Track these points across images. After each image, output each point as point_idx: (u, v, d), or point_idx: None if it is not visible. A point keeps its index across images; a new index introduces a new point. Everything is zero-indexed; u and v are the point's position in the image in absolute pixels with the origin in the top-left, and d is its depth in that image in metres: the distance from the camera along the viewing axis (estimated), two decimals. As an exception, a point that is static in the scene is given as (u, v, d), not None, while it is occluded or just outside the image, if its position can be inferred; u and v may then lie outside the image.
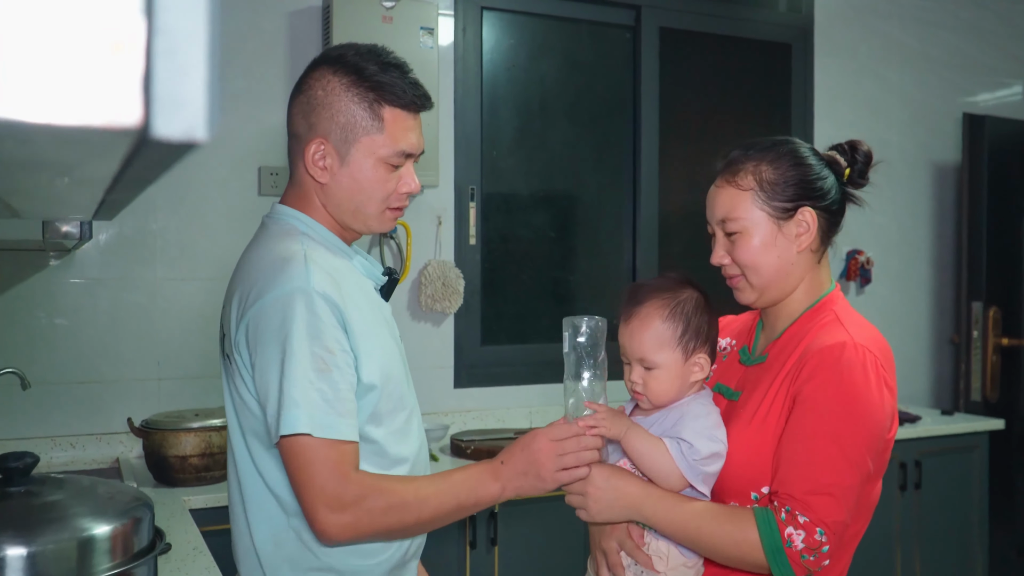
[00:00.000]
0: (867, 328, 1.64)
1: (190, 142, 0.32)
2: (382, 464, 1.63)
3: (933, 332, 4.81)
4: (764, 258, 1.64)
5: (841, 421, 1.51)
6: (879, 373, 1.54)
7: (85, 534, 1.25)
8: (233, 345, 1.57)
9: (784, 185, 1.64)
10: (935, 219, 4.82)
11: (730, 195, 1.66)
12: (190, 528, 2.35)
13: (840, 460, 1.50)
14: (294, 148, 1.66)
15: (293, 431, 1.43)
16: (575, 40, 4.10)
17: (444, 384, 3.69)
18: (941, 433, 3.96)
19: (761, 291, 1.67)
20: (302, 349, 1.46)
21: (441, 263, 3.58)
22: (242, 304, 1.55)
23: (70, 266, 3.13)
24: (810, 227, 1.64)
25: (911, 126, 4.73)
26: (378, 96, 1.59)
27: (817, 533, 1.47)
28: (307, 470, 1.44)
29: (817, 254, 1.69)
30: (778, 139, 1.71)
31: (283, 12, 3.42)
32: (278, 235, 1.62)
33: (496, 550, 3.11)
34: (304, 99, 1.63)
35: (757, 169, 1.65)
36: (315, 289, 1.50)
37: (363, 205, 1.63)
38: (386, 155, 1.60)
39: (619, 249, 4.17)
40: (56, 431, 3.09)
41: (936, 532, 3.98)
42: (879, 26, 4.64)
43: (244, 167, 3.34)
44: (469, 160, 3.74)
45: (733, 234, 1.66)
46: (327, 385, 1.47)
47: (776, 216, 1.63)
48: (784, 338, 1.68)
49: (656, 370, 1.64)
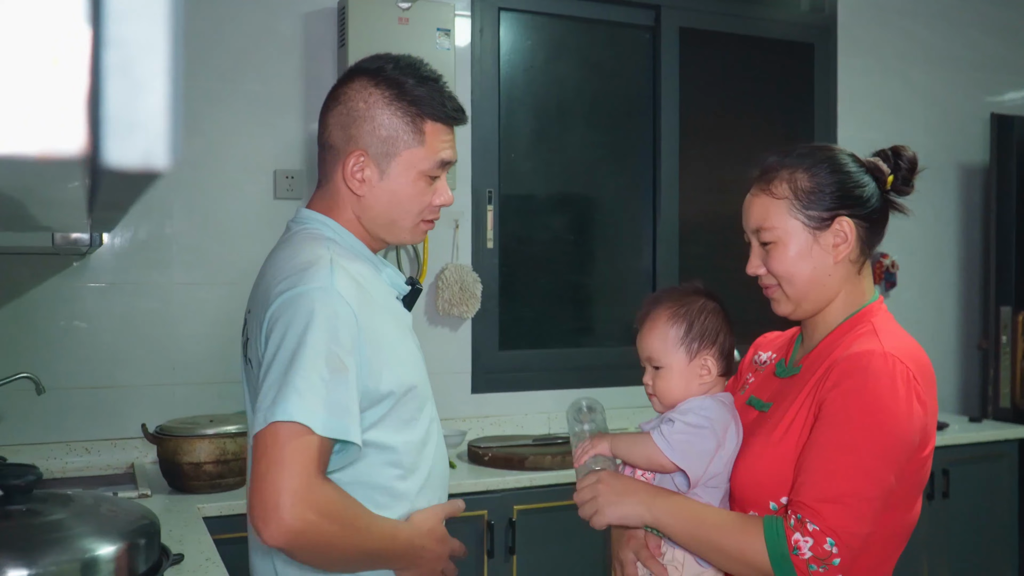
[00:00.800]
0: (904, 339, 1.57)
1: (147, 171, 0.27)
2: (398, 473, 1.59)
3: (960, 337, 4.73)
4: (799, 269, 1.59)
5: (860, 430, 1.45)
6: (910, 385, 1.47)
7: (88, 555, 1.21)
8: (258, 346, 1.53)
9: (820, 194, 1.58)
10: (962, 222, 4.74)
11: (764, 204, 1.61)
12: (203, 538, 2.32)
13: (856, 469, 1.44)
14: (329, 159, 1.65)
15: (288, 418, 1.35)
16: (594, 41, 4.05)
17: (461, 389, 3.65)
18: (969, 441, 3.89)
19: (797, 302, 1.62)
20: (318, 345, 1.42)
21: (458, 267, 3.54)
22: (265, 304, 1.51)
23: (85, 271, 3.11)
24: (848, 237, 1.58)
25: (937, 127, 4.65)
26: (419, 111, 1.60)
27: (827, 543, 1.42)
28: (281, 453, 1.35)
29: (856, 264, 1.63)
30: (816, 145, 1.66)
31: (298, 14, 3.38)
32: (304, 240, 1.60)
33: (514, 559, 3.06)
34: (343, 110, 1.62)
35: (792, 177, 1.60)
36: (338, 290, 1.47)
37: (399, 218, 1.64)
38: (426, 168, 1.61)
39: (638, 252, 4.11)
40: (71, 436, 3.07)
41: (964, 542, 3.91)
42: (904, 25, 4.57)
43: (259, 171, 3.31)
44: (486, 163, 3.69)
45: (768, 244, 1.61)
46: (339, 385, 1.42)
47: (812, 226, 1.58)
48: (818, 349, 1.63)
49: (663, 370, 1.68)
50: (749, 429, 1.65)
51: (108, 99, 0.27)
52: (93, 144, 0.27)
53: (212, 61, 3.26)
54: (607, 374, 3.91)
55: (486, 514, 3.01)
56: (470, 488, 3.00)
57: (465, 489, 2.98)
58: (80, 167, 0.26)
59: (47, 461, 3.01)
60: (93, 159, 0.27)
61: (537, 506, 3.08)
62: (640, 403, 3.93)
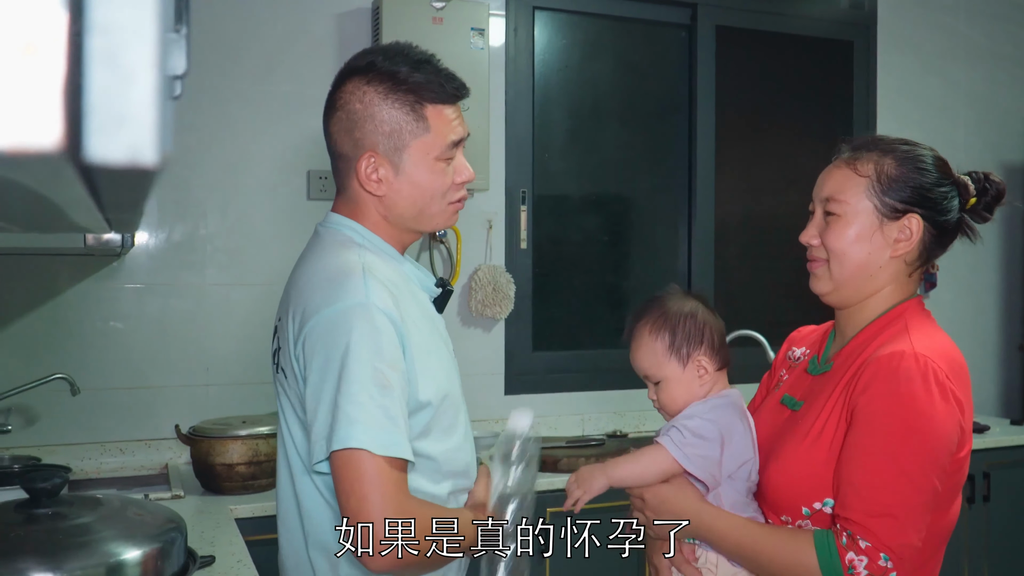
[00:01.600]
0: (937, 338, 1.54)
1: (135, 167, 0.25)
2: (436, 479, 1.58)
3: (1001, 338, 4.64)
4: (855, 250, 1.56)
5: (899, 437, 1.42)
6: (944, 385, 1.44)
7: (114, 560, 1.21)
8: (292, 358, 1.53)
9: (902, 185, 1.55)
10: (1004, 222, 4.65)
11: (844, 176, 1.58)
12: (235, 539, 2.32)
13: (901, 479, 1.41)
14: (342, 167, 1.63)
15: (346, 445, 1.37)
16: (629, 40, 4.01)
17: (495, 391, 3.63)
18: (1011, 444, 3.81)
19: (838, 284, 1.59)
20: (363, 364, 1.41)
21: (491, 268, 3.52)
22: (300, 317, 1.50)
23: (121, 272, 3.13)
24: (912, 235, 1.56)
25: (979, 125, 4.57)
26: (418, 97, 1.57)
27: (881, 559, 1.39)
28: (365, 487, 1.38)
29: (910, 267, 1.60)
30: (912, 141, 1.63)
31: (331, 14, 3.38)
32: (334, 246, 1.58)
33: (547, 562, 3.04)
34: (342, 116, 1.59)
35: (881, 160, 1.57)
36: (375, 304, 1.46)
37: (427, 206, 1.61)
38: (439, 153, 1.58)
39: (674, 253, 4.07)
40: (105, 437, 3.09)
41: (1006, 546, 3.83)
42: (945, 21, 4.48)
43: (293, 171, 3.31)
44: (520, 163, 3.67)
45: (831, 215, 1.58)
46: (389, 401, 1.42)
47: (883, 212, 1.55)
48: (851, 346, 1.60)
49: (662, 383, 1.67)
50: (782, 429, 1.62)
51: (91, 90, 0.25)
52: (75, 138, 0.25)
53: (245, 62, 3.26)
54: (641, 376, 3.87)
55: (519, 517, 2.99)
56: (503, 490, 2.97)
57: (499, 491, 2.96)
58: (61, 162, 0.24)
59: (82, 462, 3.02)
60: (75, 154, 0.25)
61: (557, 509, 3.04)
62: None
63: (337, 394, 1.40)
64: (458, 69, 3.22)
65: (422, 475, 1.55)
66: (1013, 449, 3.81)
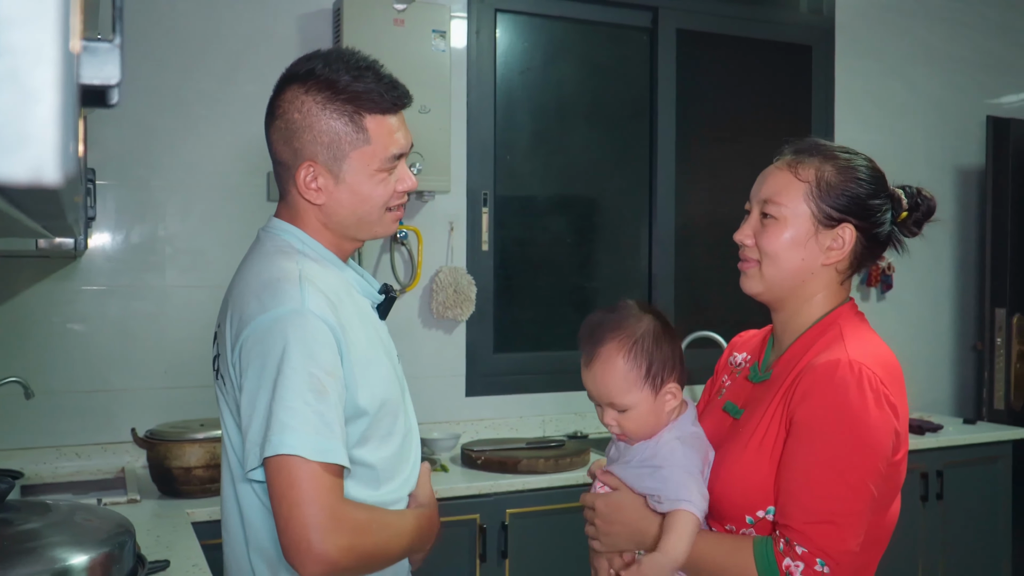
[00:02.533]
0: (871, 344, 1.55)
1: (37, 186, 0.26)
2: (375, 486, 1.58)
3: (956, 339, 4.71)
4: (788, 254, 1.57)
5: (837, 445, 1.44)
6: (879, 391, 1.46)
7: (60, 565, 1.20)
8: (230, 365, 1.52)
9: (840, 193, 1.56)
10: (958, 224, 4.72)
11: (784, 179, 1.59)
12: (191, 543, 2.31)
13: (838, 486, 1.43)
14: (282, 174, 1.61)
15: (279, 451, 1.37)
16: (591, 42, 4.03)
17: (456, 392, 3.64)
18: (964, 443, 3.87)
19: (769, 286, 1.60)
20: (298, 370, 1.41)
21: (453, 269, 3.53)
22: (237, 324, 1.50)
23: (78, 274, 3.10)
24: (845, 245, 1.57)
25: (936, 128, 4.64)
26: (357, 107, 1.53)
27: (817, 564, 1.41)
28: (297, 492, 1.37)
29: (842, 275, 1.61)
30: (852, 150, 1.65)
31: (293, 15, 3.37)
32: (273, 252, 1.57)
33: (507, 563, 3.05)
34: (281, 124, 1.57)
35: (822, 167, 1.58)
36: (312, 311, 1.45)
37: (366, 215, 1.60)
38: (379, 164, 1.56)
39: (636, 254, 4.10)
40: (61, 441, 3.06)
41: (959, 544, 3.89)
42: (903, 26, 4.55)
43: (254, 172, 3.29)
44: (482, 164, 3.68)
45: (768, 217, 1.59)
46: (324, 407, 1.41)
47: (819, 219, 1.56)
48: (788, 354, 1.62)
49: (629, 411, 1.59)
50: (724, 437, 1.63)
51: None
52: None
53: (207, 62, 3.25)
54: (602, 377, 3.89)
55: (478, 518, 3.00)
56: (463, 492, 2.98)
57: (458, 492, 2.97)
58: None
59: (37, 466, 2.99)
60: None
61: (530, 510, 3.06)
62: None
63: (272, 401, 1.39)
64: (419, 71, 3.25)
65: (361, 482, 1.55)
66: (966, 448, 3.87)
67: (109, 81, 0.54)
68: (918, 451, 3.73)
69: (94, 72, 0.52)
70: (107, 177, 3.10)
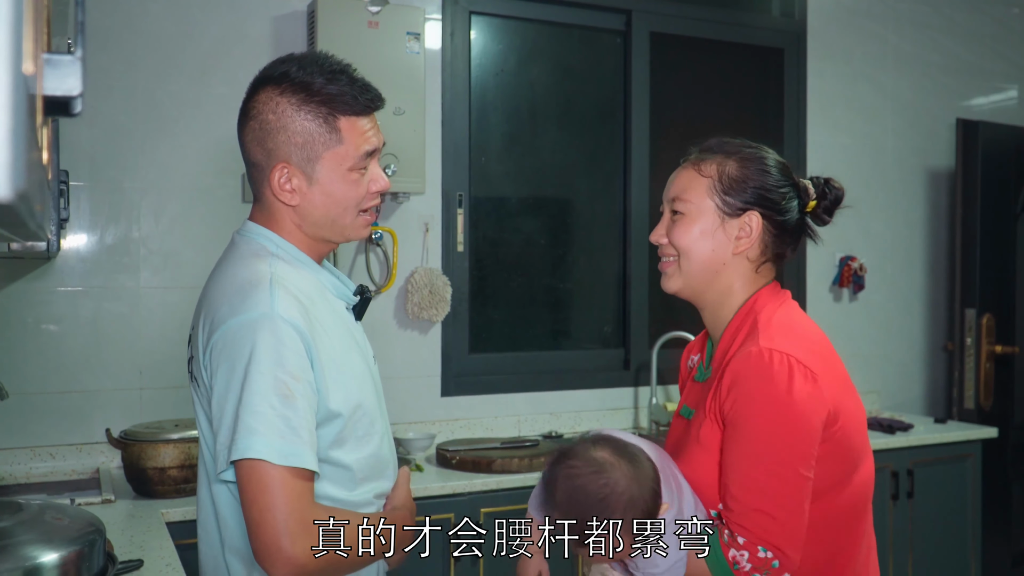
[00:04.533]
0: (787, 325, 1.60)
1: (-11, 201, 0.28)
2: (351, 487, 1.60)
3: (927, 339, 4.77)
4: (699, 247, 1.65)
5: (760, 435, 1.50)
6: (793, 371, 1.50)
7: (30, 563, 1.21)
8: (202, 367, 1.54)
9: (743, 185, 1.64)
10: (929, 225, 4.78)
11: (689, 177, 1.68)
12: (165, 543, 2.31)
13: (766, 476, 1.49)
14: (255, 176, 1.63)
15: (245, 455, 1.39)
16: (565, 45, 4.06)
17: (431, 393, 3.66)
18: (934, 442, 3.92)
19: (687, 280, 1.68)
20: (264, 374, 1.42)
21: (428, 271, 3.54)
22: (209, 327, 1.51)
23: (52, 274, 3.10)
24: (752, 232, 1.64)
25: (906, 131, 4.69)
26: (331, 109, 1.56)
27: (760, 551, 1.48)
28: (267, 497, 1.39)
29: (755, 263, 1.67)
30: (754, 145, 1.71)
31: (268, 16, 3.38)
32: (247, 255, 1.59)
33: (481, 562, 3.07)
34: (255, 126, 1.59)
35: (724, 162, 1.66)
36: (280, 315, 1.47)
37: (339, 217, 1.62)
38: (352, 164, 1.58)
39: (611, 255, 4.13)
40: (35, 441, 3.06)
41: (929, 542, 3.94)
42: (873, 30, 4.60)
43: (227, 174, 3.30)
44: (457, 166, 3.70)
45: (678, 214, 1.67)
46: (291, 412, 1.43)
47: (723, 211, 1.64)
48: (720, 348, 1.68)
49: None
50: (682, 440, 1.68)
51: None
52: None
53: (180, 64, 3.25)
54: (579, 377, 3.93)
55: (452, 517, 3.02)
56: (437, 491, 3.00)
57: (432, 492, 2.99)
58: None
59: (11, 466, 2.99)
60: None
61: (504, 508, 3.08)
62: (612, 406, 3.95)
63: (239, 405, 1.41)
64: (394, 73, 3.27)
65: (337, 484, 1.57)
66: (936, 447, 3.93)
67: (71, 92, 0.56)
68: (889, 450, 3.78)
69: (56, 84, 0.54)
70: (80, 178, 3.10)
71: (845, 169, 4.50)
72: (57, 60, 0.53)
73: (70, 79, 0.55)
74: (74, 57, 0.56)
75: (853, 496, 1.61)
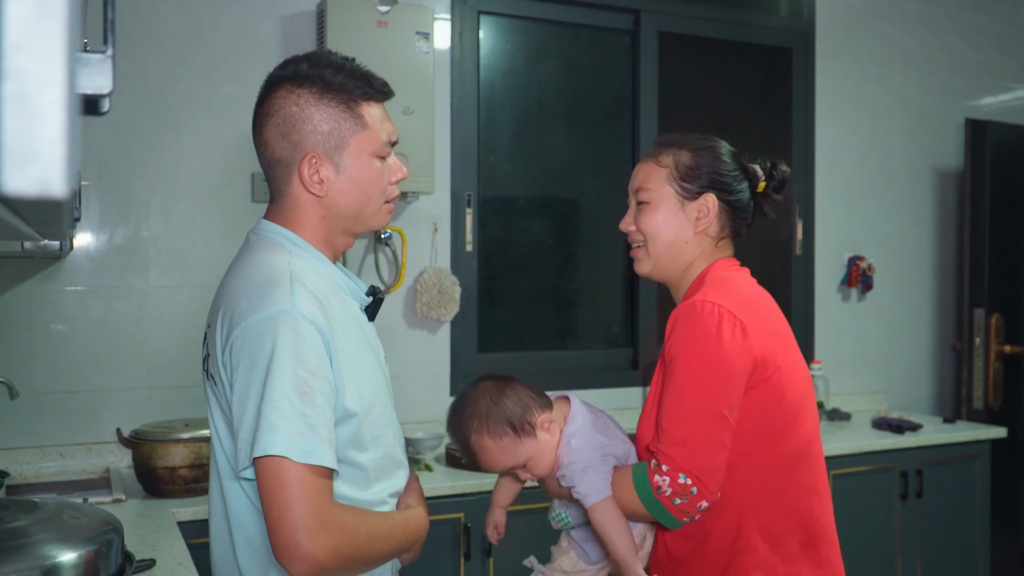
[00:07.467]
0: (729, 285, 1.78)
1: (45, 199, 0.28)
2: (364, 487, 1.60)
3: (935, 339, 4.76)
4: (663, 228, 1.83)
5: (689, 374, 1.67)
6: (723, 320, 1.67)
7: (49, 562, 1.21)
8: (220, 365, 1.53)
9: (696, 171, 1.83)
10: (938, 225, 4.78)
11: (649, 169, 1.87)
12: (177, 543, 2.32)
13: (689, 410, 1.65)
14: (279, 173, 1.63)
15: (267, 452, 1.39)
16: (573, 45, 4.06)
17: (440, 392, 3.66)
18: (943, 442, 3.92)
19: (655, 261, 1.86)
20: (285, 371, 1.42)
21: (437, 270, 3.55)
22: (228, 324, 1.51)
23: (61, 274, 3.10)
24: (710, 212, 1.82)
25: (914, 131, 4.69)
26: (350, 95, 1.60)
27: (680, 478, 1.64)
28: (287, 494, 1.39)
29: (714, 239, 1.85)
30: (706, 136, 1.90)
31: (276, 16, 3.38)
32: (264, 253, 1.59)
33: (491, 562, 3.07)
34: (278, 121, 1.60)
35: (679, 153, 1.85)
36: (301, 312, 1.47)
37: (365, 205, 1.64)
38: (376, 148, 1.62)
39: (618, 254, 4.13)
40: (45, 441, 3.06)
41: (938, 542, 3.94)
42: (882, 29, 4.60)
43: (237, 174, 3.31)
44: (465, 165, 3.70)
45: (642, 203, 1.86)
46: (310, 409, 1.43)
47: (682, 195, 1.83)
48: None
49: (528, 464, 1.78)
50: None
51: (4, 129, 0.28)
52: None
53: (190, 63, 3.26)
54: (587, 376, 3.93)
55: (463, 516, 3.02)
56: (447, 491, 3.00)
57: (442, 492, 2.99)
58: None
59: (20, 466, 3.00)
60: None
61: (513, 508, 3.07)
62: (620, 405, 3.95)
63: (261, 401, 1.41)
64: (403, 73, 3.27)
65: (352, 484, 1.57)
66: (945, 447, 3.92)
67: (101, 91, 0.56)
68: (897, 450, 3.77)
69: (87, 82, 0.54)
70: (90, 178, 3.10)
71: (853, 169, 4.50)
72: (88, 58, 0.53)
73: (100, 77, 0.55)
74: (105, 55, 0.56)
75: (784, 453, 1.74)
